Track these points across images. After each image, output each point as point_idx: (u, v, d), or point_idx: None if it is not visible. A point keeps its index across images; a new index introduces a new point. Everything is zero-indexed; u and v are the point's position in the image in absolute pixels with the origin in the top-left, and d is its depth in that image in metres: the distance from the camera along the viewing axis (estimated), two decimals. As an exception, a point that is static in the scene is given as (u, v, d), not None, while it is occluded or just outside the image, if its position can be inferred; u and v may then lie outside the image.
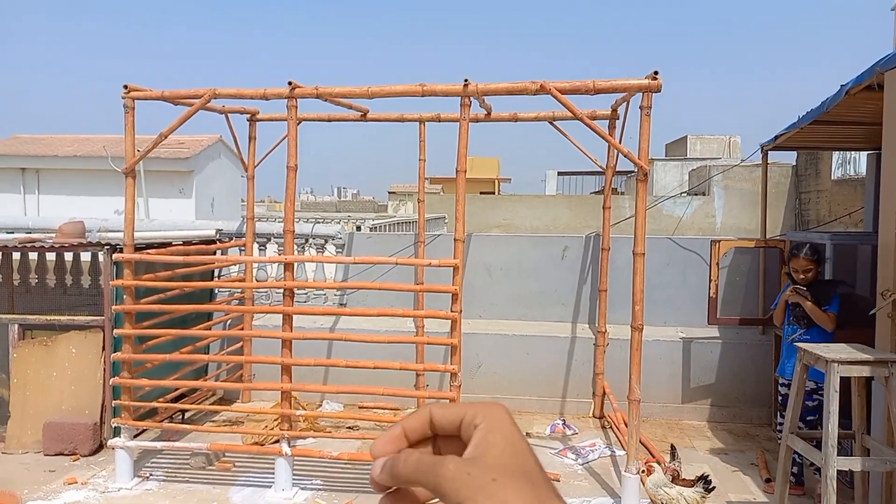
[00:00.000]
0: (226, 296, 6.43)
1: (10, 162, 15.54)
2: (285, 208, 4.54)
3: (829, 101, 4.04)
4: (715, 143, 17.19)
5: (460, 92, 4.04)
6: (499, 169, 31.48)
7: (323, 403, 6.07)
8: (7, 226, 7.10)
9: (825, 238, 4.77)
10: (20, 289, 6.13)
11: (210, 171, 15.86)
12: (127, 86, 4.63)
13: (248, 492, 4.36)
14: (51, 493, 4.32)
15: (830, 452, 3.03)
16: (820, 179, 10.16)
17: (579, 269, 6.26)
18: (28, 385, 5.10)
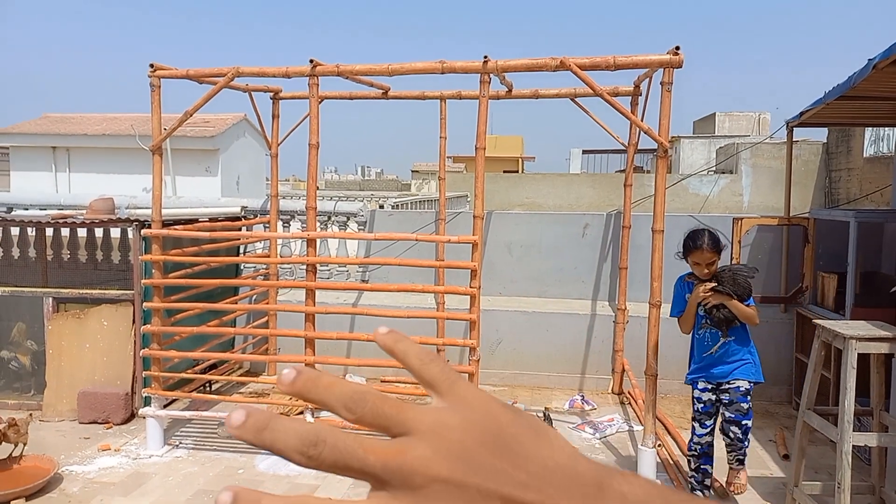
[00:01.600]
0: (251, 271, 6.57)
1: (42, 140, 15.89)
2: (307, 185, 4.61)
3: (855, 76, 3.96)
4: (744, 120, 16.85)
5: (479, 69, 4.04)
6: (522, 147, 31.27)
7: (346, 376, 6.20)
8: (40, 202, 7.32)
9: (849, 215, 4.70)
10: (53, 264, 6.33)
11: (235, 150, 16.05)
12: (153, 64, 4.72)
13: (273, 460, 4.50)
14: (86, 458, 4.51)
15: (846, 428, 3.04)
16: (851, 157, 9.94)
17: (600, 246, 6.26)
18: (62, 356, 5.30)
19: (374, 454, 0.33)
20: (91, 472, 4.30)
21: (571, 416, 5.38)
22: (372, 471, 0.33)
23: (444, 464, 0.33)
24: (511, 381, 6.08)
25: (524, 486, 0.33)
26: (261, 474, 4.32)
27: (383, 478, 0.33)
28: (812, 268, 5.34)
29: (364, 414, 0.35)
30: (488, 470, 0.33)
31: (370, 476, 0.33)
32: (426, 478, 0.33)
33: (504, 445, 0.34)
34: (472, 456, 0.33)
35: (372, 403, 0.35)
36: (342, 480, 4.21)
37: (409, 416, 0.35)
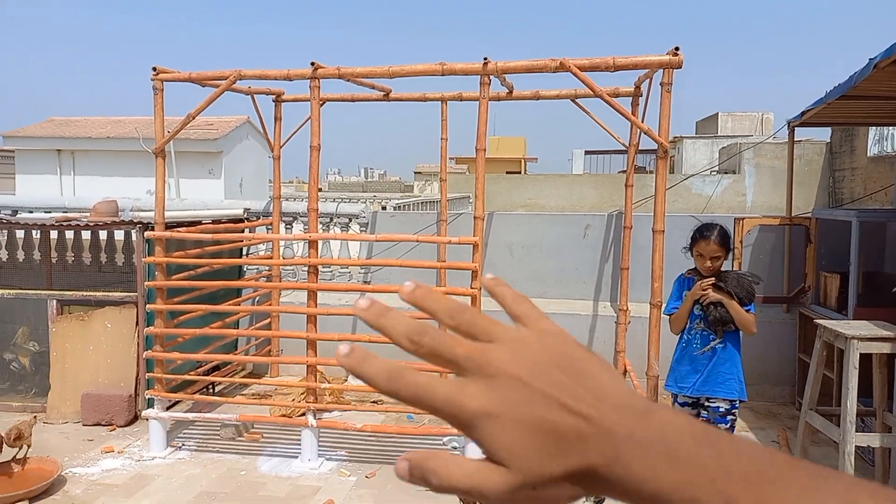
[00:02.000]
0: (254, 273, 6.59)
1: (47, 143, 15.97)
2: (309, 187, 4.63)
3: (856, 75, 3.96)
4: (747, 120, 16.81)
5: (480, 70, 4.05)
6: (525, 148, 31.25)
7: (348, 378, 6.21)
8: (44, 205, 7.36)
9: (851, 215, 4.69)
10: (57, 266, 6.36)
11: (238, 152, 16.10)
12: (156, 68, 4.74)
13: (275, 461, 4.52)
14: (90, 460, 4.53)
15: (849, 428, 3.04)
16: (855, 156, 9.91)
17: (601, 247, 6.25)
18: (66, 358, 5.33)
19: (461, 347, 0.40)
20: (94, 474, 4.32)
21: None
22: (457, 359, 0.40)
23: (517, 366, 0.39)
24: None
25: (581, 399, 0.38)
26: (263, 476, 4.33)
27: (464, 366, 0.40)
28: (814, 268, 5.33)
29: (461, 322, 0.42)
30: (553, 381, 0.39)
31: (455, 364, 0.40)
32: (498, 371, 0.39)
33: (572, 367, 0.40)
34: (542, 367, 0.40)
35: (470, 314, 0.43)
36: (343, 482, 4.22)
37: (498, 330, 0.42)
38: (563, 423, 0.38)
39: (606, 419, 0.38)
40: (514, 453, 0.38)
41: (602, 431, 0.38)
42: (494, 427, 0.38)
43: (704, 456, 0.36)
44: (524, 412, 0.38)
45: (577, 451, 0.38)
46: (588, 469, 0.38)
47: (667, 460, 0.36)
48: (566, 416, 0.38)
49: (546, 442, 0.38)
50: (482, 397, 0.39)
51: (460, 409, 0.39)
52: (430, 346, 0.40)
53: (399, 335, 0.41)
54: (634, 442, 0.37)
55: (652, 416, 0.38)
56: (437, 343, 0.40)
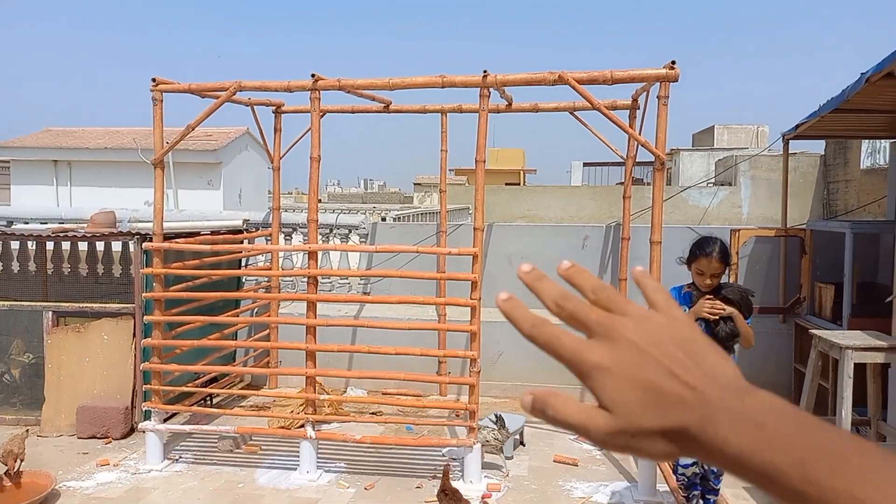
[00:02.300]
0: (253, 284, 6.59)
1: (43, 154, 15.95)
2: (309, 199, 4.64)
3: (849, 89, 4.01)
4: (742, 132, 16.92)
5: (479, 83, 4.09)
6: (524, 160, 31.36)
7: (347, 389, 6.20)
8: (40, 216, 7.35)
9: (845, 227, 4.73)
10: (53, 277, 6.34)
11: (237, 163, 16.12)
12: (155, 79, 4.76)
13: (273, 473, 4.50)
14: (84, 473, 4.51)
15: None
16: (848, 169, 9.98)
17: (599, 258, 6.28)
18: (62, 370, 5.31)
19: (595, 314, 0.48)
20: (89, 488, 4.29)
21: (572, 429, 5.37)
22: (589, 323, 0.48)
23: (638, 335, 0.46)
24: (512, 392, 6.08)
25: (689, 372, 0.44)
26: (261, 488, 4.31)
27: (594, 329, 0.47)
28: (809, 278, 5.36)
29: (601, 297, 0.50)
30: (668, 353, 0.45)
31: (587, 327, 0.48)
32: (621, 336, 0.46)
33: (689, 347, 0.46)
34: (661, 341, 0.46)
35: (610, 292, 0.50)
36: (342, 494, 4.20)
37: (631, 307, 0.49)
38: (668, 388, 0.44)
39: (707, 390, 0.43)
40: (619, 403, 0.45)
41: (701, 399, 0.43)
42: (607, 379, 0.45)
43: (786, 427, 0.41)
44: (634, 372, 0.45)
45: (675, 411, 0.43)
46: (681, 429, 0.43)
47: (753, 428, 0.41)
48: (672, 382, 0.44)
49: (649, 399, 0.44)
50: (601, 353, 0.46)
51: (581, 359, 0.46)
52: (570, 310, 0.48)
53: (548, 298, 0.50)
54: (727, 410, 0.42)
55: (750, 394, 0.44)
56: (576, 309, 0.48)
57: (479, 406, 4.36)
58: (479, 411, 4.38)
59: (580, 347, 0.47)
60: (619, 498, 4.17)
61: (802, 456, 0.39)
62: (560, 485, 4.36)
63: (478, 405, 4.33)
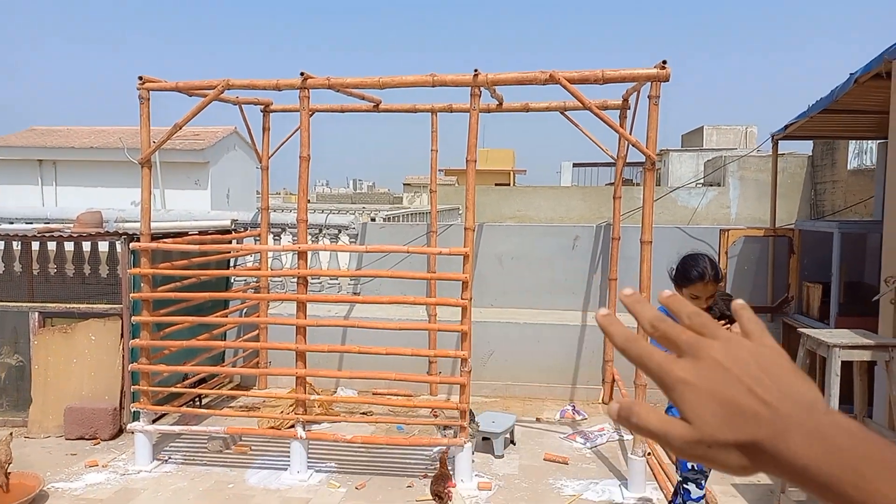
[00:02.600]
0: (242, 285, 6.55)
1: (28, 153, 15.78)
2: (298, 198, 4.62)
3: (837, 89, 4.05)
4: (731, 133, 17.05)
5: (470, 82, 4.09)
6: (514, 161, 31.43)
7: (337, 389, 6.18)
8: (26, 216, 7.27)
9: (832, 227, 4.77)
10: (39, 278, 6.27)
11: (225, 163, 16.02)
12: (142, 77, 4.72)
13: (264, 474, 4.48)
14: (73, 475, 4.46)
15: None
16: (836, 169, 10.08)
17: (590, 258, 6.30)
18: (49, 371, 5.25)
19: (686, 335, 0.52)
20: (78, 489, 4.25)
21: (563, 426, 5.39)
22: (680, 343, 0.51)
23: (723, 356, 0.49)
24: (503, 391, 6.08)
25: (768, 391, 0.47)
26: (251, 488, 4.28)
27: (684, 348, 0.51)
28: (797, 278, 5.41)
29: (694, 323, 0.53)
30: (751, 373, 0.48)
31: (678, 346, 0.51)
32: (707, 355, 0.50)
33: (772, 370, 0.49)
34: (745, 362, 0.49)
35: (704, 318, 0.53)
36: (333, 494, 4.19)
37: (722, 332, 0.52)
38: (746, 403, 0.47)
39: (783, 408, 0.46)
40: (699, 415, 0.48)
41: (775, 415, 0.46)
42: (689, 392, 0.49)
43: (852, 444, 0.44)
44: (716, 388, 0.48)
45: (750, 426, 0.46)
46: (755, 443, 0.46)
47: (821, 443, 0.44)
48: (750, 398, 0.47)
49: (726, 413, 0.47)
50: (686, 369, 0.50)
51: (667, 373, 0.50)
52: (664, 330, 0.52)
53: (644, 319, 0.53)
54: (799, 426, 0.45)
55: (823, 414, 0.46)
56: (669, 330, 0.52)
57: (470, 405, 4.35)
58: (469, 410, 4.38)
59: (667, 362, 0.50)
60: (609, 496, 4.19)
61: (859, 466, 0.42)
62: (550, 483, 4.37)
63: (469, 404, 4.32)
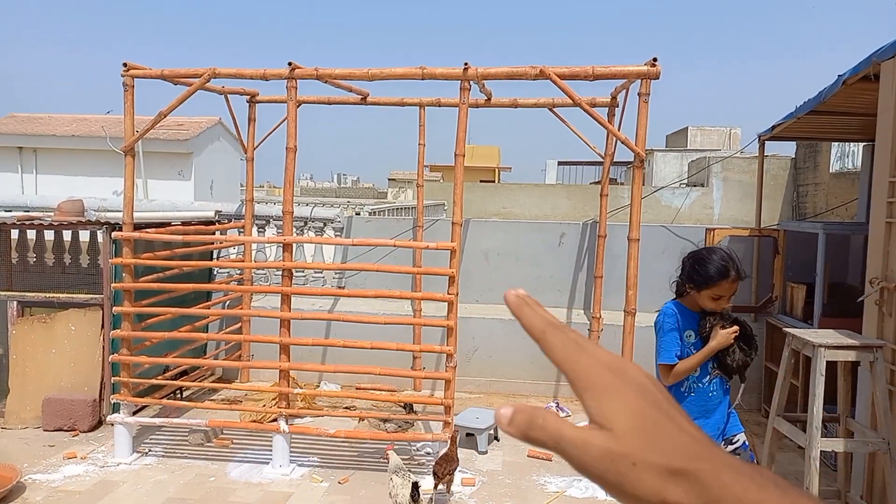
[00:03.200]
0: (225, 277, 6.48)
1: (7, 140, 15.49)
2: (284, 190, 4.57)
3: (826, 91, 4.08)
4: (715, 134, 17.20)
5: (460, 76, 4.07)
6: (499, 157, 31.45)
7: (321, 383, 6.13)
8: (5, 204, 7.13)
9: (817, 227, 4.82)
10: (18, 267, 6.16)
11: (209, 154, 15.85)
12: (126, 63, 4.65)
13: (245, 467, 4.43)
14: (50, 466, 4.38)
15: (815, 433, 3.10)
16: (818, 172, 10.20)
17: (576, 255, 6.31)
18: (27, 361, 5.16)
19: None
20: (56, 481, 4.17)
21: (546, 424, 5.40)
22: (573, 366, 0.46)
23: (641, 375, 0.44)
24: (486, 388, 6.08)
25: (686, 418, 0.43)
26: (233, 482, 4.24)
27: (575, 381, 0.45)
28: (782, 278, 5.46)
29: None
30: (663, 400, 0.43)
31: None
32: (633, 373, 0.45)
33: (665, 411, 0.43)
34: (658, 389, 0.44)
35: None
36: (314, 489, 4.16)
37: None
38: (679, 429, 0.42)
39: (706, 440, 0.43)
40: (630, 427, 0.41)
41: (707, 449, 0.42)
42: (618, 400, 0.42)
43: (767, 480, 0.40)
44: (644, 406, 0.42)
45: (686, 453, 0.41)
46: (689, 474, 0.40)
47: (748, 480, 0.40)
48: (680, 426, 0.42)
49: (659, 433, 0.41)
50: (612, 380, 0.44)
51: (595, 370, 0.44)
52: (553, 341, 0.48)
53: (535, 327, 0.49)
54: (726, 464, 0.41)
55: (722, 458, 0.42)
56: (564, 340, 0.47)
57: (454, 401, 4.34)
58: (454, 406, 4.37)
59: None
60: (593, 492, 4.20)
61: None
62: (534, 479, 4.37)
63: (453, 400, 4.31)
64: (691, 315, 2.76)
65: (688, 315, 2.76)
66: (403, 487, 3.60)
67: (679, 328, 2.74)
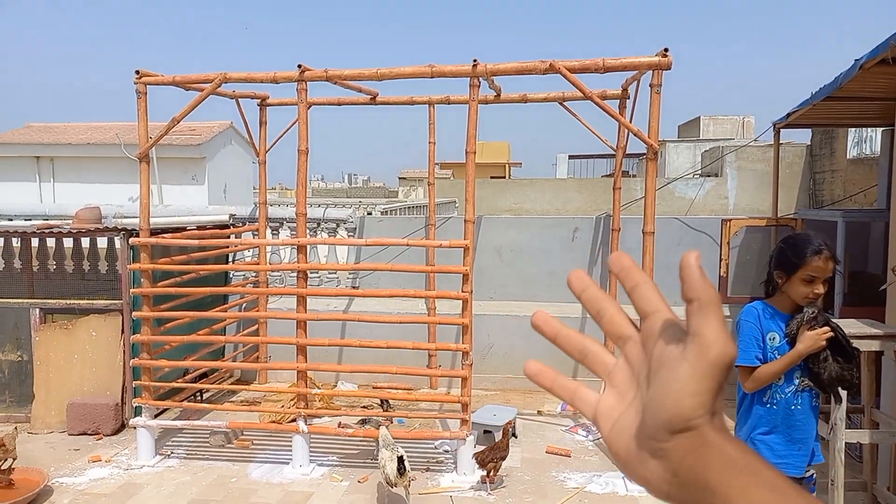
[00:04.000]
0: (240, 280, 6.53)
1: (25, 150, 15.71)
2: (297, 192, 4.59)
3: (842, 76, 4.02)
4: (728, 123, 17.03)
5: (469, 73, 4.06)
6: (509, 153, 31.36)
7: (338, 383, 6.16)
8: (24, 213, 7.23)
9: (836, 215, 4.76)
10: (39, 275, 6.24)
11: (222, 158, 15.96)
12: (139, 71, 4.69)
13: (266, 468, 4.47)
14: (76, 470, 4.45)
15: (839, 424, 3.07)
16: (835, 159, 10.07)
17: (589, 250, 6.28)
18: (50, 367, 5.23)
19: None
20: (81, 484, 4.24)
21: (564, 419, 5.38)
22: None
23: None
24: (503, 385, 6.08)
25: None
26: (254, 482, 4.28)
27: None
28: (800, 268, 5.40)
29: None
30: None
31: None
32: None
33: None
34: None
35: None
36: (335, 488, 4.18)
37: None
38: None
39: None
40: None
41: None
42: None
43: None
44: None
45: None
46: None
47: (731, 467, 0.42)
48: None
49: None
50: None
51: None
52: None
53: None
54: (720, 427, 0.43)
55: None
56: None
57: (471, 398, 4.34)
58: (471, 403, 4.37)
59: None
60: (613, 488, 4.18)
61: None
62: (553, 475, 4.37)
63: (470, 397, 4.31)
64: (779, 315, 2.47)
65: (775, 315, 2.47)
66: (391, 461, 3.73)
67: (760, 328, 2.45)
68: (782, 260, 2.45)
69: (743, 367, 2.43)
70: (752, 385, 2.43)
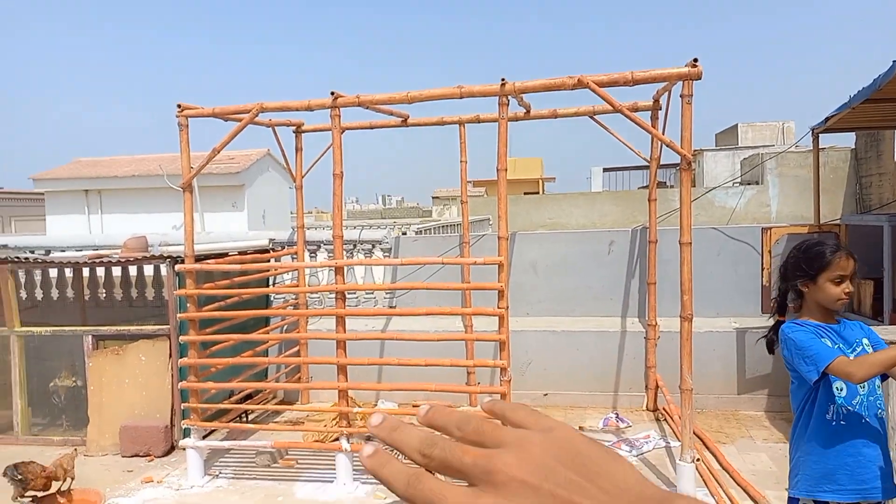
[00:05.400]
0: (281, 302, 6.67)
1: (74, 184, 16.39)
2: (333, 215, 4.70)
3: (881, 77, 3.95)
4: (767, 129, 16.71)
5: (497, 91, 4.12)
6: (542, 169, 31.31)
7: (378, 402, 6.22)
8: (76, 244, 7.54)
9: (882, 220, 4.64)
10: (90, 303, 6.50)
11: (260, 184, 16.36)
12: (180, 104, 4.88)
13: (311, 487, 4.53)
14: (130, 490, 4.59)
15: (892, 435, 2.98)
16: (882, 162, 9.78)
17: (626, 263, 6.23)
18: (103, 391, 5.42)
19: (468, 455, 0.41)
20: (135, 505, 4.37)
21: (606, 434, 5.32)
22: (465, 468, 0.41)
23: (524, 470, 0.40)
24: (543, 400, 6.04)
25: (595, 499, 0.38)
26: (300, 501, 4.34)
27: (473, 473, 0.40)
28: (846, 274, 5.26)
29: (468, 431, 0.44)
30: (562, 481, 0.39)
31: (464, 473, 0.41)
32: (507, 476, 0.39)
33: (580, 463, 0.40)
34: (549, 468, 0.40)
35: (476, 422, 0.44)
36: (380, 506, 4.21)
37: (504, 434, 0.43)
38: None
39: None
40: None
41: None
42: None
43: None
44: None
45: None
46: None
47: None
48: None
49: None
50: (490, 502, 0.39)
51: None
52: (440, 457, 0.42)
53: (411, 450, 0.43)
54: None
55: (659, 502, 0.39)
56: (446, 454, 0.42)
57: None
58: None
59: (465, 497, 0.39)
60: None
61: None
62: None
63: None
64: (825, 329, 2.31)
65: (828, 329, 2.32)
66: None
67: (816, 334, 2.28)
68: (802, 268, 2.35)
69: (836, 362, 2.16)
70: (863, 372, 2.13)
